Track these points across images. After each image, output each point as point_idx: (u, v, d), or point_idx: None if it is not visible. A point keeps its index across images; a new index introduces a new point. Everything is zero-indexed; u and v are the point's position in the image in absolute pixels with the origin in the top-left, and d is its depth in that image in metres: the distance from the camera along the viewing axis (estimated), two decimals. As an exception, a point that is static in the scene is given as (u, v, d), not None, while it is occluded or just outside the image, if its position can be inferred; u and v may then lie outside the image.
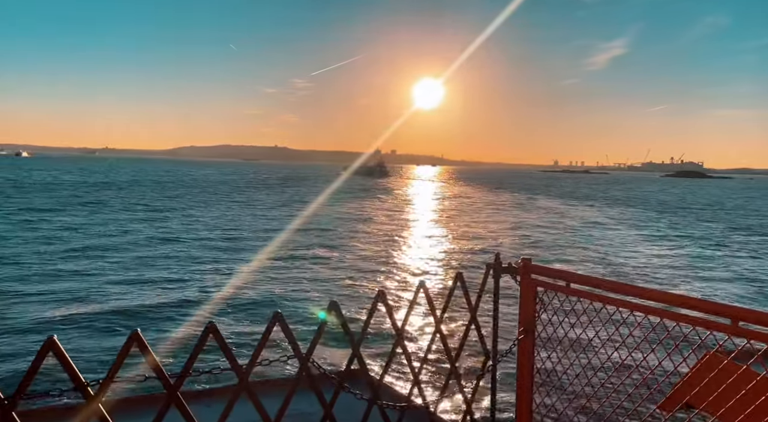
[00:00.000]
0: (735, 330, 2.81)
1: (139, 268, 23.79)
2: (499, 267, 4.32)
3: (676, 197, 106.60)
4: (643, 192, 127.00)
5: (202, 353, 3.17)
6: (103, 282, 20.84)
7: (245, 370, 3.29)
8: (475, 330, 4.42)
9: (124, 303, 17.97)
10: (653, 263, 29.43)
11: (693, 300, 3.06)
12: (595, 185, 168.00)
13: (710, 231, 46.51)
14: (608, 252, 32.96)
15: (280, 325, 3.36)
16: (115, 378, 2.91)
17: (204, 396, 4.63)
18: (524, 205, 73.36)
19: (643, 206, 76.48)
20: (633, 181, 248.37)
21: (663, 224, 51.37)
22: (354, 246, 32.32)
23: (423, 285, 4.20)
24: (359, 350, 3.81)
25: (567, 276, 3.87)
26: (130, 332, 2.98)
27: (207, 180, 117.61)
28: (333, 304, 3.68)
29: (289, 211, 52.40)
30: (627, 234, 41.86)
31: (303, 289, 21.07)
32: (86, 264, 24.03)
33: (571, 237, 39.61)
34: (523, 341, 4.17)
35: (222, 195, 74.02)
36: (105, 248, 28.47)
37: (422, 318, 15.05)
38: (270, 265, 25.39)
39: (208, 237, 33.82)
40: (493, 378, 4.40)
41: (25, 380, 2.76)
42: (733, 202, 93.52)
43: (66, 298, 18.37)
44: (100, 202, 52.97)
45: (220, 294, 19.61)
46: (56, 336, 2.81)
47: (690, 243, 37.77)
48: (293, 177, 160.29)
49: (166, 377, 3.05)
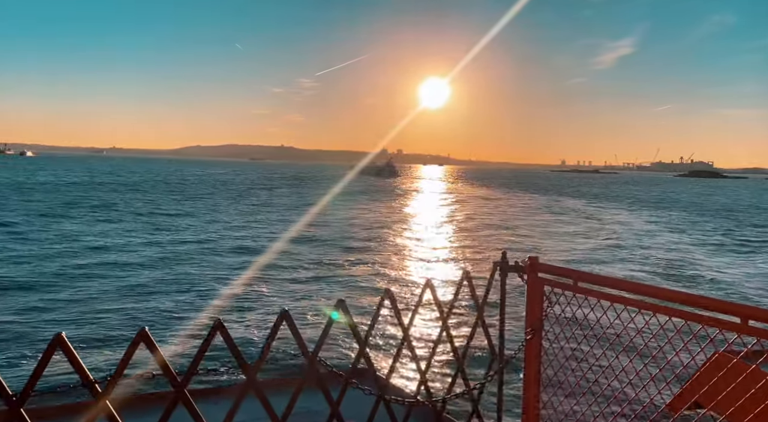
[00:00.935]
0: (745, 329, 2.79)
1: (148, 267, 23.93)
2: (505, 265, 4.31)
3: (702, 198, 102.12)
4: (666, 192, 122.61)
5: (210, 351, 3.17)
6: (112, 280, 20.97)
7: (252, 368, 3.29)
8: (482, 328, 4.41)
9: (131, 301, 18.07)
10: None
11: (702, 299, 3.04)
12: (614, 186, 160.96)
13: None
14: (684, 265, 27.71)
15: (288, 323, 3.36)
16: (122, 375, 2.92)
17: (211, 394, 4.64)
18: (551, 207, 68.94)
19: (678, 208, 71.82)
20: (647, 181, 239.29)
21: (710, 227, 47.16)
22: (390, 252, 30.71)
23: (430, 284, 4.19)
24: (366, 348, 3.81)
25: (574, 275, 3.86)
26: (138, 329, 3.00)
27: (218, 180, 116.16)
28: (340, 302, 3.68)
29: (298, 213, 51.51)
30: (686, 242, 36.89)
31: (311, 288, 21.12)
32: (94, 263, 24.19)
33: (624, 247, 33.91)
34: (529, 340, 4.16)
35: (237, 195, 73.30)
36: (110, 248, 28.65)
37: (429, 316, 15.03)
38: (281, 265, 25.42)
39: (218, 238, 33.96)
40: (500, 377, 4.39)
41: (33, 377, 2.78)
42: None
43: (75, 296, 18.50)
44: (107, 205, 52.12)
45: (229, 293, 19.68)
46: (64, 333, 2.83)
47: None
48: (302, 177, 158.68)
49: (173, 375, 3.06)
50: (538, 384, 4.16)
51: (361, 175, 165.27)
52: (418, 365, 4.21)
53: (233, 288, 20.40)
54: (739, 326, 2.80)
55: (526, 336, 4.16)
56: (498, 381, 4.40)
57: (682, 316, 3.07)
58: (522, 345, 4.18)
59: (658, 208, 70.87)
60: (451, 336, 4.34)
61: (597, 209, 67.00)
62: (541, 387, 4.16)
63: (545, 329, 4.12)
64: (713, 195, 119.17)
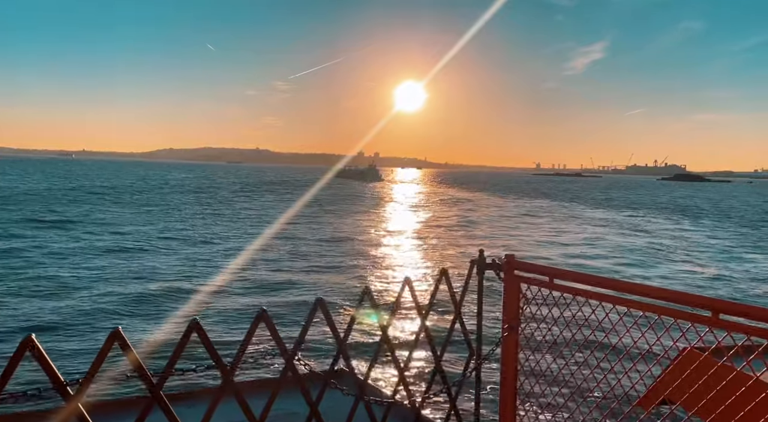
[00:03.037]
0: (715, 322, 2.85)
1: (122, 267, 23.47)
2: (483, 263, 4.33)
3: (710, 203, 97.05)
4: (674, 198, 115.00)
5: (186, 351, 3.12)
6: (85, 280, 20.52)
7: (230, 369, 3.25)
8: (460, 326, 4.43)
9: (105, 302, 17.72)
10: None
11: (674, 293, 3.09)
12: (613, 191, 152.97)
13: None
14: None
15: (266, 323, 3.33)
16: (95, 377, 2.85)
17: (188, 396, 4.57)
18: (575, 217, 61.01)
19: (712, 216, 66.57)
20: (635, 184, 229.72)
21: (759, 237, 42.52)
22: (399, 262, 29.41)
23: (408, 282, 4.19)
24: (345, 348, 3.80)
25: (550, 272, 3.90)
26: (111, 330, 2.93)
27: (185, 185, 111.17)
28: (319, 301, 3.66)
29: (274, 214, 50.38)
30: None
31: (286, 289, 20.97)
32: (67, 263, 23.65)
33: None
34: (506, 337, 4.19)
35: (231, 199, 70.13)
36: (83, 251, 28.04)
37: (408, 314, 15.04)
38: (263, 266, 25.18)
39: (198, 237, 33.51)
40: (477, 374, 4.42)
41: (1, 380, 2.70)
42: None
43: (47, 296, 18.05)
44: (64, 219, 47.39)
45: (206, 293, 19.44)
46: (34, 335, 2.75)
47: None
48: (279, 181, 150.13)
49: (148, 376, 3.00)
50: (515, 380, 4.20)
51: (343, 178, 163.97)
52: (397, 364, 4.21)
53: (212, 289, 20.11)
54: (710, 319, 2.86)
55: (502, 332, 4.19)
56: (475, 378, 4.43)
57: (655, 311, 3.13)
58: (499, 342, 4.21)
59: (685, 216, 64.93)
60: (430, 335, 4.35)
61: (645, 221, 58.59)
62: (518, 384, 4.20)
63: (522, 325, 4.16)
64: (723, 200, 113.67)
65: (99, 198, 66.05)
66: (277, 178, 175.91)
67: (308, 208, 58.09)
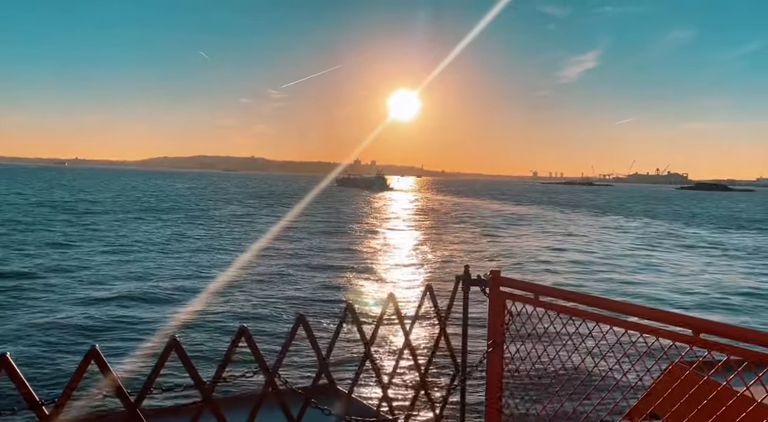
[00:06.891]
0: (697, 341, 2.87)
1: (100, 283, 23.11)
2: (468, 279, 4.34)
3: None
4: (730, 210, 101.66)
5: (165, 369, 3.07)
6: (61, 297, 20.15)
7: (209, 386, 3.20)
8: (445, 341, 4.42)
9: (82, 319, 17.38)
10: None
11: (657, 312, 3.12)
12: (651, 202, 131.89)
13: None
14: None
15: (246, 340, 3.29)
16: (71, 396, 2.79)
17: (167, 414, 4.48)
18: (684, 238, 48.16)
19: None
20: (662, 194, 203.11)
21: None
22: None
23: (392, 297, 4.18)
24: (327, 364, 3.76)
25: (535, 289, 3.91)
26: (89, 348, 2.88)
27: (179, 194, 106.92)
28: (300, 318, 3.63)
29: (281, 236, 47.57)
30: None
31: (276, 306, 20.77)
32: (43, 279, 23.23)
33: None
34: (491, 353, 4.18)
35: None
36: (60, 266, 27.59)
37: (393, 329, 14.95)
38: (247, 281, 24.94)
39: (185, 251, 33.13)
40: (462, 390, 4.40)
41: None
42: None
43: (21, 313, 17.68)
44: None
45: (185, 311, 19.17)
46: (8, 354, 2.69)
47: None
48: (280, 193, 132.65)
49: (126, 395, 2.94)
50: (499, 396, 4.19)
51: (347, 187, 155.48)
52: (381, 380, 4.18)
53: (192, 306, 19.86)
54: (691, 338, 2.88)
55: (487, 348, 4.18)
56: (460, 393, 4.40)
57: (638, 329, 3.15)
58: (484, 358, 4.20)
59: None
60: (414, 350, 4.33)
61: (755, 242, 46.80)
62: (503, 400, 4.19)
63: (506, 342, 4.16)
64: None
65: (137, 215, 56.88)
66: (286, 187, 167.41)
67: (309, 220, 56.02)
